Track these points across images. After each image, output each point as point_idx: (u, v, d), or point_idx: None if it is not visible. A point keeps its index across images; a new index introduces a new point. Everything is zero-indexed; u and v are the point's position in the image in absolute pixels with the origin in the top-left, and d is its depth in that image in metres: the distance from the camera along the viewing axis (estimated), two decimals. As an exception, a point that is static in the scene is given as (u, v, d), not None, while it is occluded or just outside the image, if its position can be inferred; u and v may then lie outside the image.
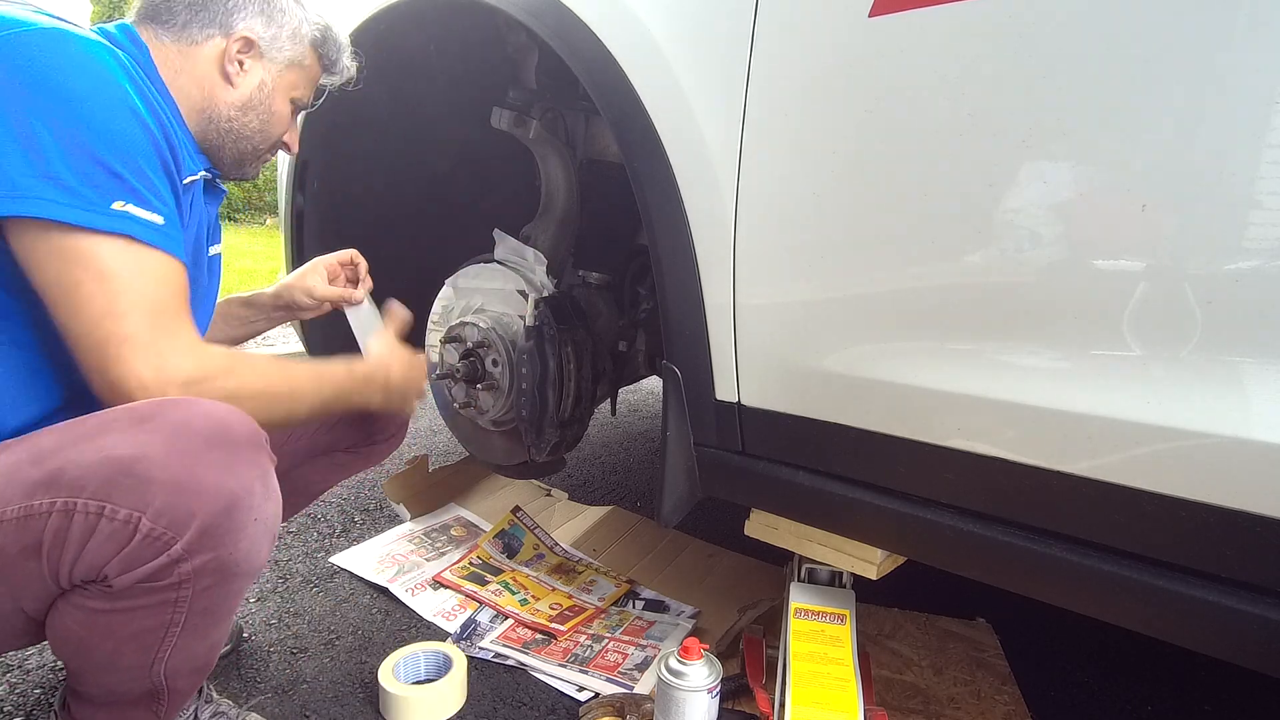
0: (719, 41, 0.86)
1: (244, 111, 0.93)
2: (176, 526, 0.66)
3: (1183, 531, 0.65)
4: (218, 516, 0.67)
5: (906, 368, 0.79)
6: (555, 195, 1.38)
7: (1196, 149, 0.60)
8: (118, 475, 0.65)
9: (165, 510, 0.65)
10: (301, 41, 0.95)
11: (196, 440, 0.68)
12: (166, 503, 0.65)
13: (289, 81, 0.96)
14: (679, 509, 1.04)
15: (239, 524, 0.69)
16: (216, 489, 0.67)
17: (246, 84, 0.92)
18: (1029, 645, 1.23)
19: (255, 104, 0.93)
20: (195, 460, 0.67)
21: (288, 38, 0.93)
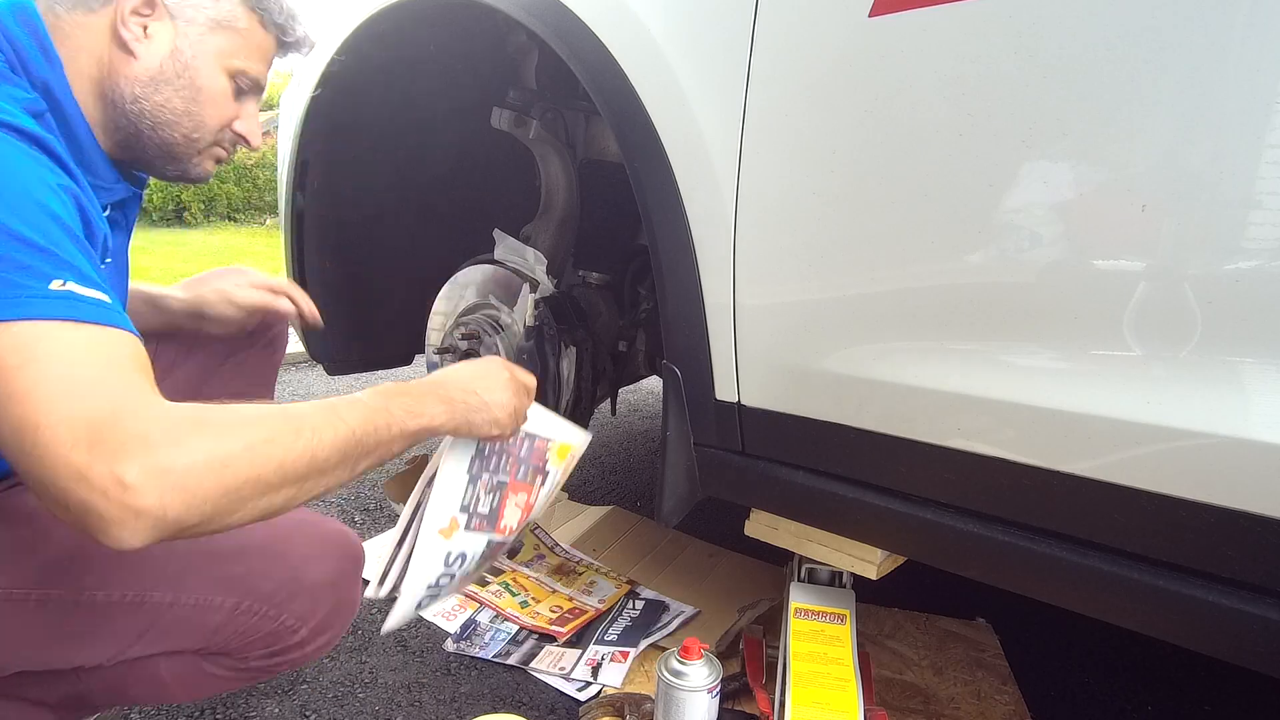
0: (719, 41, 0.86)
1: (154, 87, 0.74)
2: (318, 633, 0.81)
3: (1183, 531, 0.65)
4: (344, 626, 0.85)
5: (906, 368, 0.79)
6: (555, 195, 1.38)
7: (1196, 149, 0.60)
8: (298, 592, 0.77)
9: (320, 623, 0.80)
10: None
11: (348, 567, 0.82)
12: (323, 618, 0.80)
13: (218, 47, 0.76)
14: (679, 509, 1.04)
15: (346, 627, 0.86)
16: (350, 608, 0.84)
17: (151, 51, 0.73)
18: (1029, 645, 1.23)
19: (169, 76, 0.74)
20: (347, 586, 0.82)
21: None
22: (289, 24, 0.81)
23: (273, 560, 0.77)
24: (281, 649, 0.80)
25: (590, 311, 1.37)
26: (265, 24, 0.79)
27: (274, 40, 0.81)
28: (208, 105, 0.77)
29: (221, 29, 0.76)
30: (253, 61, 0.80)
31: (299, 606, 0.78)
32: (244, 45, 0.78)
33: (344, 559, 0.82)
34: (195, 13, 0.74)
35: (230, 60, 0.77)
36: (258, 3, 0.78)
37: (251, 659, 0.80)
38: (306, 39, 0.85)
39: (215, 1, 0.75)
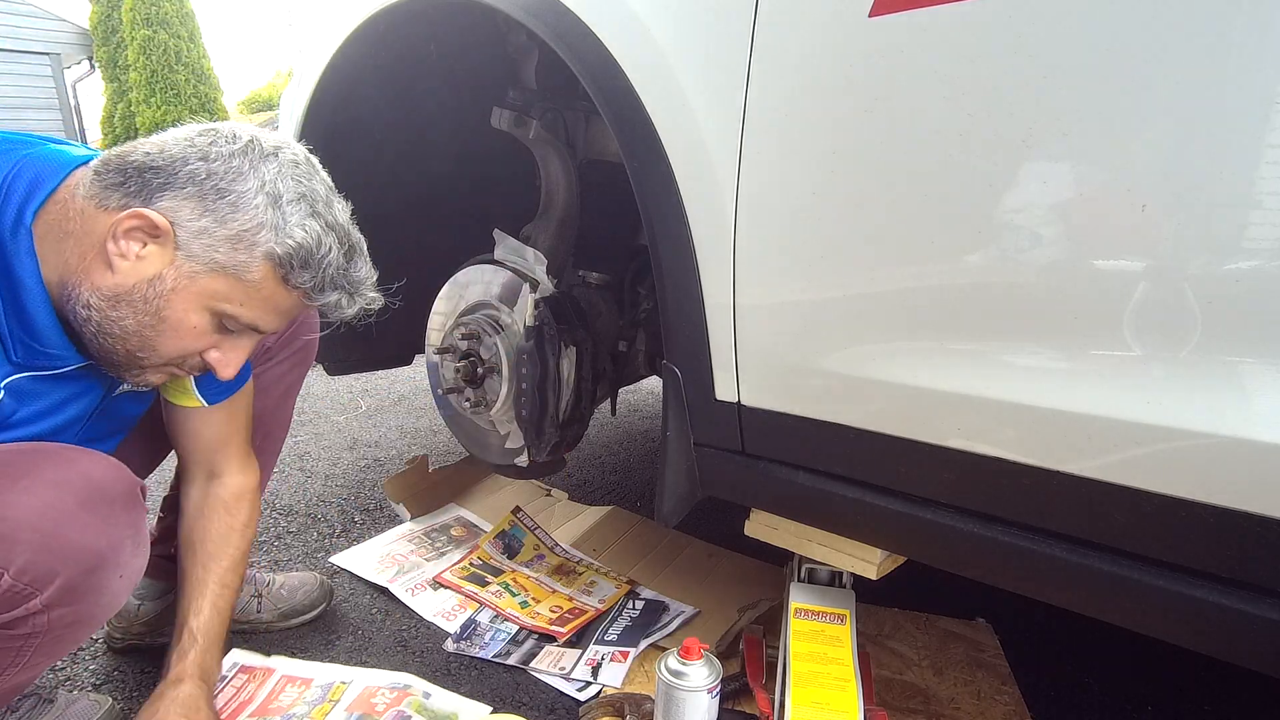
0: (719, 41, 0.86)
1: (112, 303, 0.71)
2: (38, 583, 0.68)
3: (1183, 531, 0.65)
4: (81, 575, 0.70)
5: (906, 367, 0.79)
6: (555, 195, 1.37)
7: (1196, 149, 0.60)
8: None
9: (29, 568, 0.67)
10: (250, 250, 0.73)
11: (69, 500, 0.70)
12: (30, 560, 0.67)
13: (208, 289, 0.73)
14: (679, 509, 1.04)
15: (102, 582, 0.72)
16: (83, 550, 0.70)
17: (133, 272, 0.71)
18: (1029, 645, 1.23)
19: (135, 299, 0.71)
20: (66, 521, 0.69)
21: (226, 238, 0.72)
22: (315, 293, 0.78)
23: None
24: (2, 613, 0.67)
25: (590, 311, 1.37)
26: (288, 284, 0.77)
27: (296, 299, 0.79)
28: (166, 334, 0.74)
29: (223, 274, 0.73)
30: (252, 310, 0.77)
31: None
32: (246, 294, 0.75)
33: (61, 489, 0.70)
34: (203, 251, 0.72)
35: (219, 303, 0.75)
36: (288, 266, 0.75)
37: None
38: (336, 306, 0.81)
39: (233, 249, 0.73)
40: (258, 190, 0.73)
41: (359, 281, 0.82)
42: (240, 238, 0.73)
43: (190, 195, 0.71)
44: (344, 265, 0.79)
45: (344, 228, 0.80)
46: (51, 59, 9.18)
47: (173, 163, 0.72)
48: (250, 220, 0.72)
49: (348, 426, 2.35)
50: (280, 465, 1.99)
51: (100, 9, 8.78)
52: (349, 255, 0.80)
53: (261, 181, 0.73)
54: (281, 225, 0.73)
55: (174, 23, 8.24)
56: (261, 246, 0.73)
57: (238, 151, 0.74)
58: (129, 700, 1.07)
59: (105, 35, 8.81)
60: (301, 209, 0.75)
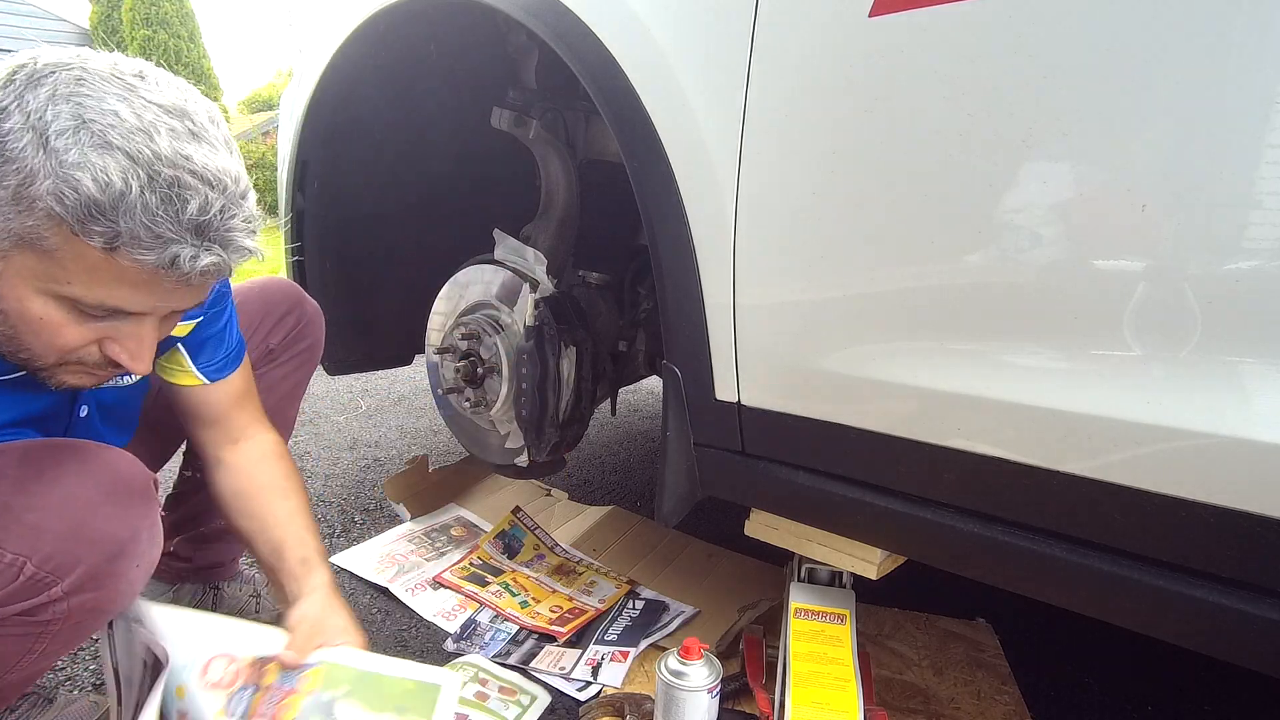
0: (719, 41, 0.86)
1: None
2: (61, 570, 0.67)
3: (1183, 531, 0.65)
4: (103, 563, 0.69)
5: (906, 368, 0.79)
6: (555, 195, 1.37)
7: (1196, 149, 0.60)
8: (10, 521, 0.65)
9: (52, 555, 0.66)
10: (31, 209, 0.56)
11: (92, 491, 0.69)
12: (55, 549, 0.66)
13: (25, 268, 0.59)
14: (679, 509, 1.04)
15: (121, 569, 0.71)
16: (105, 539, 0.69)
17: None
18: (1029, 645, 1.23)
19: None
20: (89, 511, 0.68)
21: (8, 201, 0.56)
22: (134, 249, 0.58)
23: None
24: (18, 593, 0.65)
25: (590, 311, 1.37)
26: (96, 246, 0.58)
27: (131, 265, 0.59)
28: (25, 331, 0.63)
29: (26, 247, 0.58)
30: (88, 288, 0.61)
31: (15, 540, 0.64)
32: (64, 269, 0.59)
33: (84, 480, 0.69)
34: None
35: (48, 284, 0.60)
36: (70, 219, 0.56)
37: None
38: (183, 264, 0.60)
39: (18, 212, 0.56)
40: (24, 128, 0.55)
41: (204, 225, 0.60)
42: (19, 196, 0.56)
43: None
44: (162, 207, 0.58)
45: (168, 157, 0.58)
46: (51, 59, 9.18)
47: None
48: (22, 170, 0.55)
49: (348, 426, 2.36)
50: (280, 465, 1.99)
51: (100, 9, 8.79)
52: (171, 190, 0.58)
53: (27, 115, 0.55)
54: (56, 169, 0.55)
55: (174, 23, 8.25)
56: (40, 202, 0.56)
57: (3, 80, 0.57)
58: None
59: (105, 35, 8.82)
60: (83, 140, 0.55)
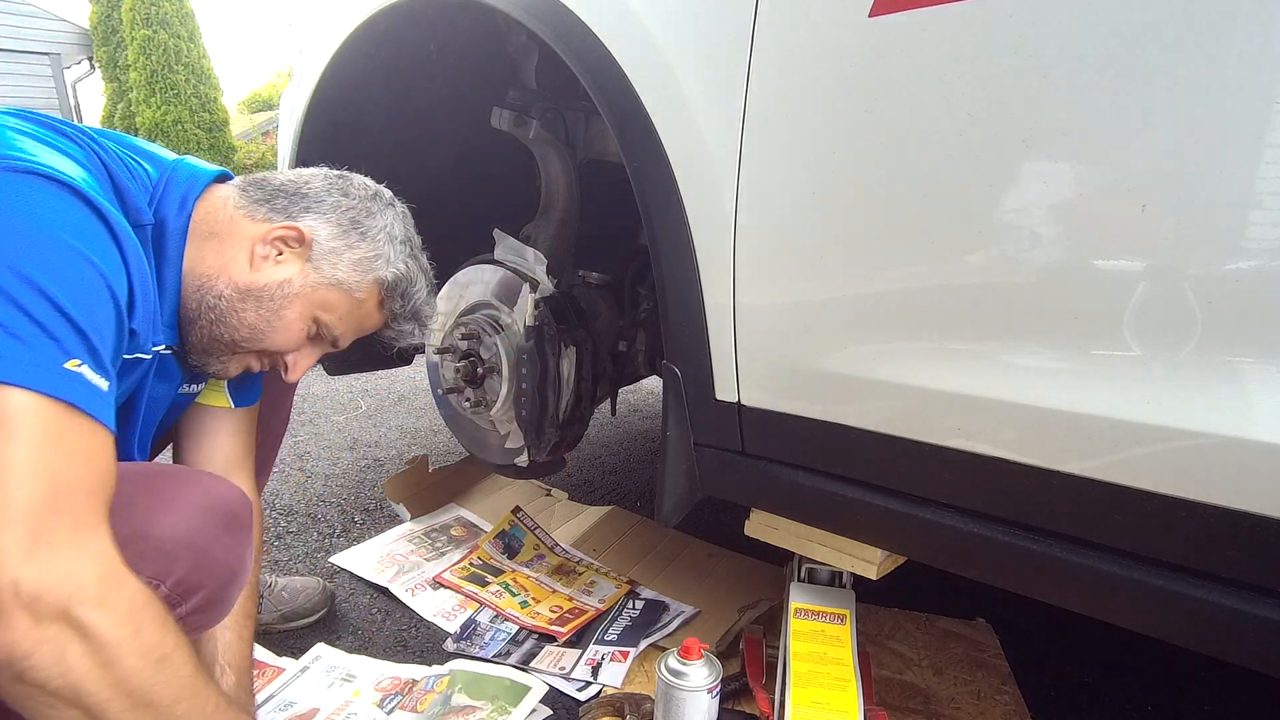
0: (719, 41, 0.86)
1: (242, 296, 0.80)
2: (188, 594, 0.76)
3: (1183, 531, 0.65)
4: (219, 589, 0.79)
5: (906, 368, 0.79)
6: (555, 195, 1.37)
7: (1196, 149, 0.60)
8: (147, 549, 0.72)
9: (183, 580, 0.75)
10: (364, 272, 0.85)
11: (214, 523, 0.78)
12: (185, 575, 0.75)
13: (322, 300, 0.84)
14: (679, 509, 1.04)
15: (232, 595, 0.83)
16: (223, 568, 0.79)
17: (268, 274, 0.81)
18: (1029, 645, 1.23)
19: (263, 297, 0.81)
20: (213, 542, 0.78)
21: (350, 261, 0.84)
22: (400, 319, 0.91)
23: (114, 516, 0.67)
24: None
25: (590, 311, 1.37)
26: (382, 308, 0.90)
27: (380, 321, 0.91)
28: (276, 334, 0.83)
29: (339, 289, 0.84)
30: (343, 324, 0.87)
31: (150, 564, 0.71)
32: (348, 310, 0.86)
33: (206, 511, 0.78)
34: (329, 268, 0.83)
35: (324, 313, 0.85)
36: (390, 293, 0.88)
37: None
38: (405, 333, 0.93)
39: (352, 270, 0.85)
40: (382, 229, 0.87)
41: (428, 318, 0.96)
42: (361, 262, 0.85)
43: (331, 220, 0.84)
44: (426, 301, 0.93)
45: (429, 273, 0.95)
46: (51, 59, 9.18)
47: (318, 192, 0.85)
48: (372, 250, 0.86)
49: (348, 426, 2.36)
50: (280, 465, 1.99)
51: (100, 9, 8.78)
52: (429, 294, 0.94)
53: (387, 222, 0.88)
54: (393, 258, 0.87)
55: (174, 23, 8.23)
56: (375, 272, 0.86)
57: (371, 196, 0.89)
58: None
59: (105, 35, 8.81)
60: (406, 250, 0.90)
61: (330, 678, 1.12)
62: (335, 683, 1.11)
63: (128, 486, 0.72)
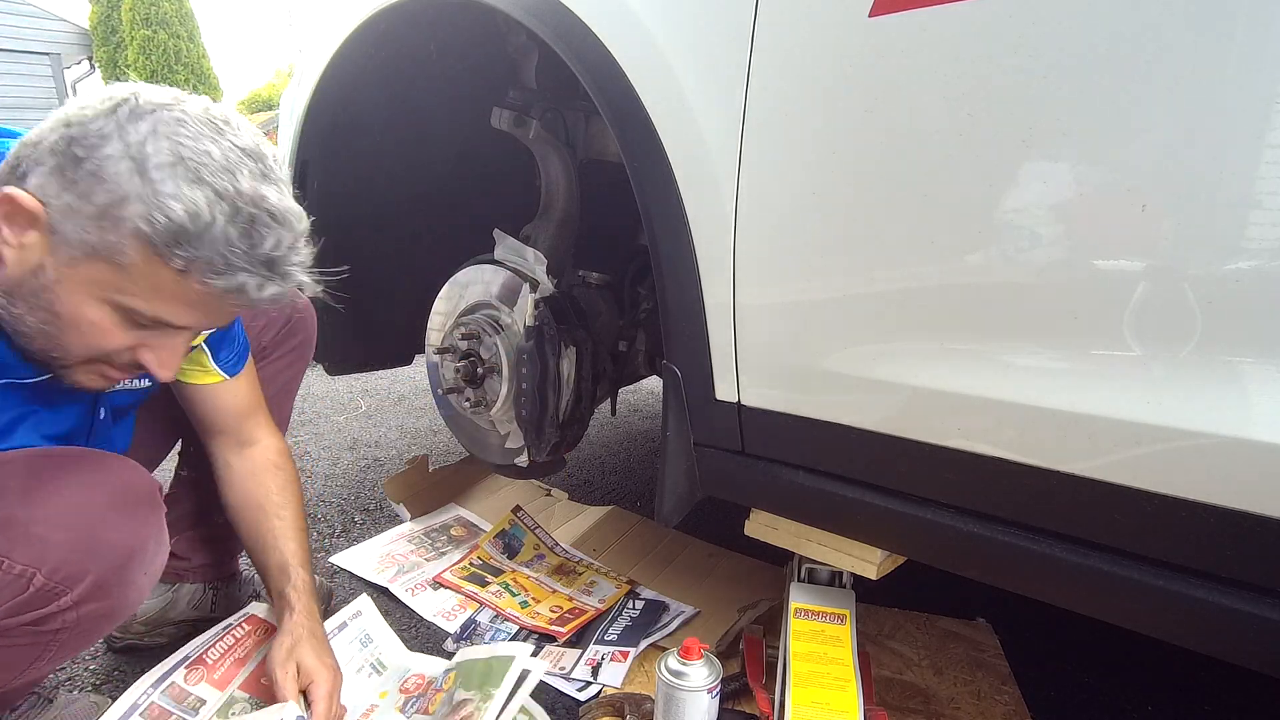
0: (719, 41, 0.86)
1: (9, 298, 0.66)
2: (70, 581, 0.68)
3: (1183, 531, 0.65)
4: (111, 573, 0.71)
5: (906, 367, 0.79)
6: (555, 195, 1.37)
7: (1196, 149, 0.60)
8: (18, 534, 0.66)
9: (61, 566, 0.67)
10: (116, 227, 0.62)
11: (99, 500, 0.71)
12: (63, 560, 0.67)
13: (92, 278, 0.64)
14: (679, 509, 1.04)
15: (129, 578, 0.73)
16: (112, 548, 0.70)
17: (19, 262, 0.64)
18: (1029, 645, 1.23)
19: (26, 293, 0.65)
20: (96, 520, 0.70)
21: (92, 215, 0.62)
22: (209, 275, 0.64)
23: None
24: (26, 604, 0.67)
25: (590, 311, 1.37)
26: (171, 266, 0.64)
27: (199, 287, 0.65)
28: (69, 331, 0.67)
29: (99, 259, 0.63)
30: (147, 301, 0.66)
31: (22, 552, 0.65)
32: (131, 282, 0.65)
33: (91, 490, 0.70)
34: (75, 233, 0.62)
35: (110, 293, 0.65)
36: (156, 242, 0.62)
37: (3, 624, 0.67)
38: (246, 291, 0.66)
39: (99, 228, 0.62)
40: (122, 155, 0.61)
41: (274, 259, 0.67)
42: (105, 213, 0.61)
43: (53, 168, 0.62)
44: (242, 240, 0.64)
45: (249, 195, 0.65)
46: (51, 59, 9.19)
47: (43, 135, 0.64)
48: (114, 192, 0.61)
49: (348, 426, 2.36)
50: (280, 465, 1.99)
51: (100, 9, 8.79)
52: (249, 227, 0.65)
53: (126, 145, 0.61)
54: (150, 196, 0.61)
55: (174, 23, 8.24)
56: (128, 223, 0.61)
57: (103, 112, 0.63)
58: (129, 700, 1.06)
59: (105, 35, 8.82)
60: (177, 174, 0.62)
61: (361, 659, 1.11)
62: (365, 667, 1.10)
63: (5, 472, 0.69)
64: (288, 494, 1.06)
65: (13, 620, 0.68)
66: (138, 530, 0.73)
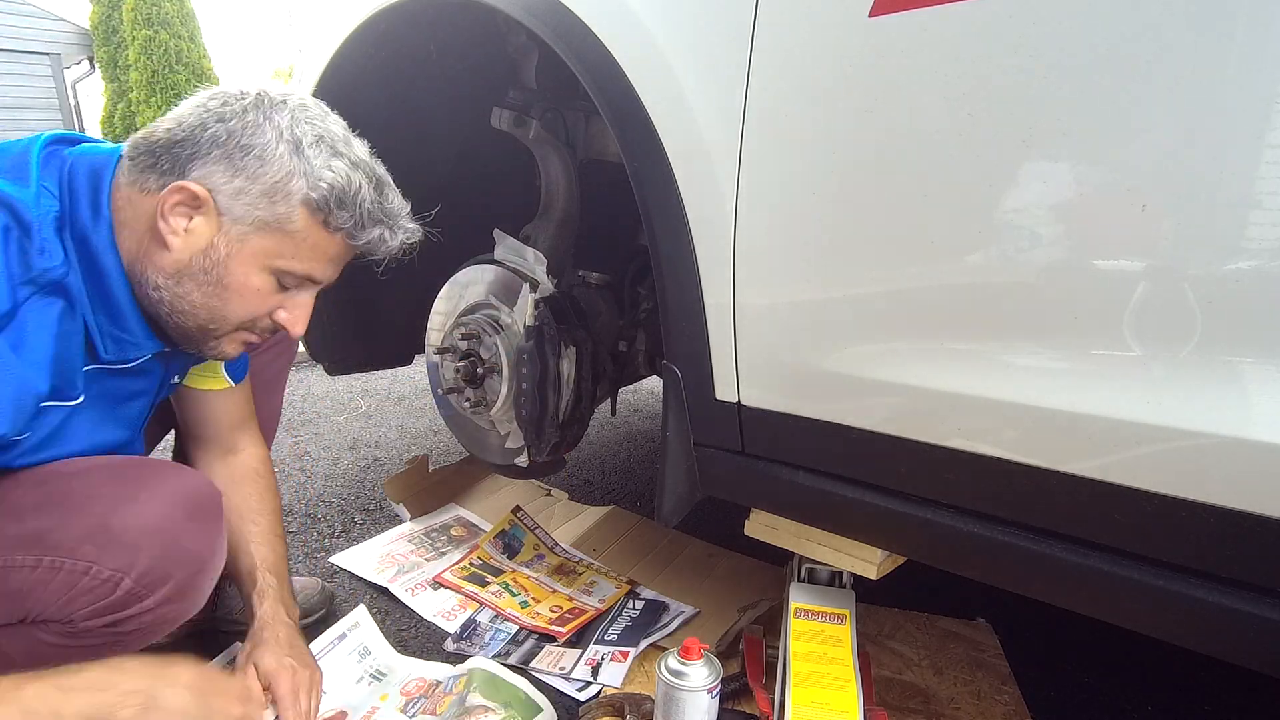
0: (719, 41, 0.86)
1: (176, 279, 0.74)
2: (154, 586, 0.75)
3: (1183, 531, 0.65)
4: (188, 579, 0.78)
5: (906, 368, 0.79)
6: (555, 195, 1.37)
7: (1196, 149, 0.60)
8: (109, 540, 0.71)
9: (148, 572, 0.74)
10: (286, 200, 0.74)
11: (180, 512, 0.77)
12: (150, 566, 0.74)
13: (260, 247, 0.75)
14: (679, 509, 1.03)
15: (202, 584, 0.81)
16: (190, 557, 0.78)
17: (186, 246, 0.73)
18: (1029, 645, 1.23)
19: (195, 271, 0.74)
20: (179, 530, 0.76)
21: (261, 193, 0.73)
22: (357, 231, 0.78)
23: (76, 509, 0.72)
24: (111, 606, 0.73)
25: (590, 311, 1.37)
26: (330, 227, 0.77)
27: (341, 241, 0.79)
28: (233, 300, 0.76)
29: (269, 230, 0.74)
30: (304, 261, 0.78)
31: (113, 557, 0.71)
32: (295, 246, 0.76)
33: (172, 501, 0.76)
34: (245, 211, 0.73)
35: (274, 260, 0.76)
36: (326, 209, 0.75)
37: (81, 622, 0.74)
38: (378, 241, 0.81)
39: (270, 203, 0.73)
40: (278, 140, 0.73)
41: (395, 213, 0.82)
42: (275, 190, 0.73)
43: (218, 159, 0.72)
44: (377, 199, 0.79)
45: (368, 163, 0.80)
46: (51, 59, 9.18)
47: (193, 132, 0.73)
48: (279, 170, 0.73)
49: (348, 426, 2.35)
50: (280, 465, 1.99)
51: (100, 9, 8.78)
52: (379, 188, 0.80)
53: (279, 131, 0.73)
54: (309, 170, 0.74)
55: (175, 23, 8.23)
56: (297, 195, 0.74)
57: (249, 106, 0.74)
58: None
59: (105, 35, 8.81)
60: (323, 150, 0.75)
61: (361, 669, 1.11)
62: (365, 677, 1.11)
63: (92, 480, 0.75)
64: (265, 501, 1.06)
65: (96, 621, 0.74)
66: (210, 540, 0.80)
